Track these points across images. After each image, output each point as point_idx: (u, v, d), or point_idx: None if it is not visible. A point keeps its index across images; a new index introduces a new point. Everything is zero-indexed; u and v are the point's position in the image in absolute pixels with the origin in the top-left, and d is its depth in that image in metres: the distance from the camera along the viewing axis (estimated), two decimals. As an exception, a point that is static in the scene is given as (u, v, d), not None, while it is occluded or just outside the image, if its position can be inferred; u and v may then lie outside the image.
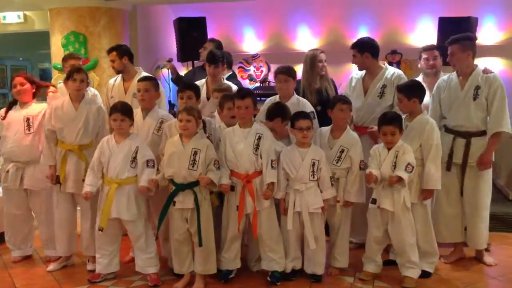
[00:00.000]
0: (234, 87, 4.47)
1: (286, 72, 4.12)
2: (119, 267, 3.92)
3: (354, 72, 4.54)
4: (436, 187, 3.76)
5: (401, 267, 3.72)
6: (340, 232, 3.90)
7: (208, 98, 4.54)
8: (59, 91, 4.53)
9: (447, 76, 4.21)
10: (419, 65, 4.85)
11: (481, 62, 6.46)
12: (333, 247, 3.94)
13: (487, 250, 4.26)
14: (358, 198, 3.81)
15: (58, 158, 4.01)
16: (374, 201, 3.68)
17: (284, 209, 3.74)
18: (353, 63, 4.38)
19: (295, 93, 4.21)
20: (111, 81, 4.69)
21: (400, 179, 3.54)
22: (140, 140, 3.80)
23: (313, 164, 3.69)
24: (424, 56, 4.74)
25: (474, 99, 3.96)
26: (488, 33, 6.87)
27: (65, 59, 4.63)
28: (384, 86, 4.26)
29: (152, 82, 4.06)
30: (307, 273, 3.80)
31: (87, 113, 4.02)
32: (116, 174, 3.70)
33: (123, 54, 4.47)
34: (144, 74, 4.51)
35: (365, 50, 4.25)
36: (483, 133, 3.98)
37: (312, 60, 4.53)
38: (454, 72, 4.13)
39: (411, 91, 3.82)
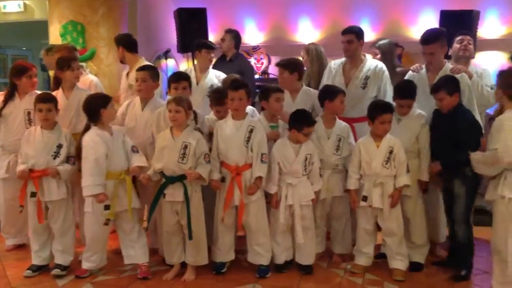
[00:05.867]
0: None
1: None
2: (106, 261, 3.85)
3: (332, 62, 4.48)
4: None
5: (389, 259, 3.71)
6: (345, 220, 3.95)
7: (197, 83, 4.57)
8: None
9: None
10: (449, 51, 4.47)
11: (483, 56, 6.55)
12: (336, 235, 3.99)
13: None
14: None
15: None
16: (365, 199, 3.65)
17: (276, 202, 3.71)
18: (346, 49, 4.26)
19: (303, 85, 4.25)
20: (124, 72, 4.71)
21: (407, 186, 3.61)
22: (123, 129, 3.80)
23: (306, 159, 3.68)
24: (459, 37, 4.52)
25: None
26: (490, 27, 6.82)
27: (51, 50, 4.56)
28: (367, 78, 4.22)
29: (149, 71, 3.99)
30: (298, 263, 3.78)
31: (79, 100, 3.97)
32: (121, 166, 3.65)
33: (117, 43, 4.45)
34: (145, 63, 4.42)
35: (362, 37, 4.27)
36: None
37: (321, 55, 4.86)
38: (423, 65, 4.13)
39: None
